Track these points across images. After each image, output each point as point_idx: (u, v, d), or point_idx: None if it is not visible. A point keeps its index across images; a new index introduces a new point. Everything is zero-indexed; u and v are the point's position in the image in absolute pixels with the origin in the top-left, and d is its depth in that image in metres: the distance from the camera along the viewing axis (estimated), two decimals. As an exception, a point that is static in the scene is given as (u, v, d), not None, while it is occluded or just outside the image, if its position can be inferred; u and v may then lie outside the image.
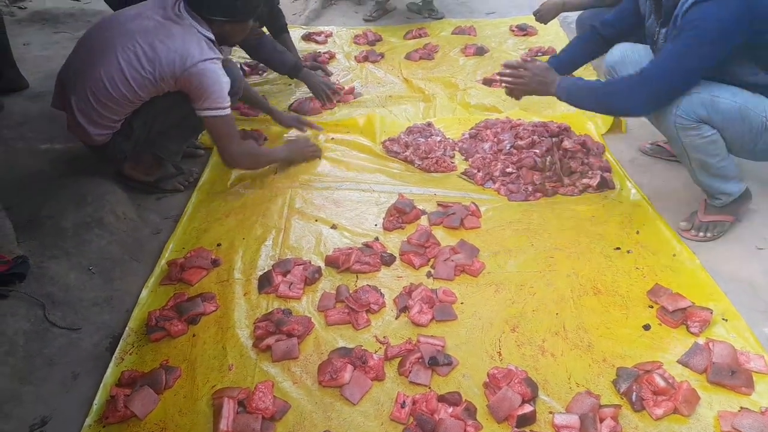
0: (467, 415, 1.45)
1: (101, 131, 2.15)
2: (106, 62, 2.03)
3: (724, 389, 1.53)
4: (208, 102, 2.06)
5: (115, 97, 2.05)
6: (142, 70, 2.02)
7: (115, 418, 1.45)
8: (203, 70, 2.01)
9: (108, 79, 2.02)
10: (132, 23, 2.07)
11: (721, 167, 1.98)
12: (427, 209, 2.31)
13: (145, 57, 2.01)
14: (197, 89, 2.04)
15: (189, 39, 2.02)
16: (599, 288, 1.90)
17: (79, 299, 1.79)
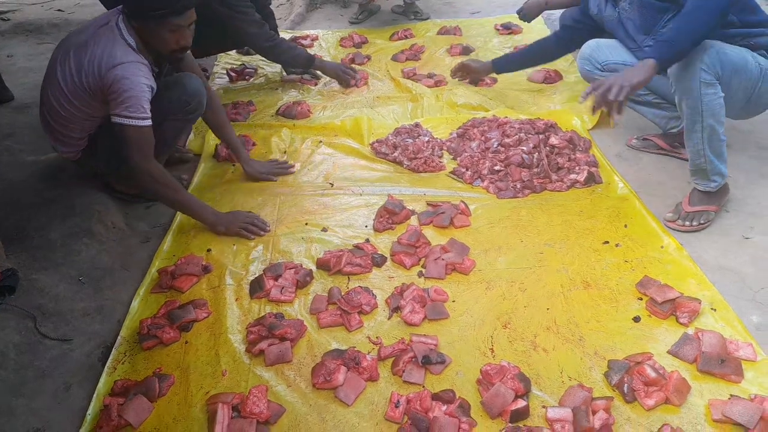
0: (461, 413, 1.46)
1: (67, 149, 2.16)
2: (51, 82, 2.03)
3: (714, 378, 1.54)
4: (120, 108, 1.91)
5: (64, 116, 2.04)
6: (73, 83, 1.97)
7: (109, 428, 1.44)
8: (119, 74, 1.90)
9: (54, 99, 2.02)
10: (74, 38, 2.04)
11: (722, 142, 2.03)
12: (416, 209, 2.32)
13: (75, 68, 1.96)
14: (112, 93, 1.92)
15: (109, 44, 1.94)
16: (589, 282, 1.91)
17: (69, 310, 1.78)
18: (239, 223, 2.16)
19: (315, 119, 3.07)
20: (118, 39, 1.96)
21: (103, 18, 2.05)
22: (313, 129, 2.95)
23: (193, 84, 2.20)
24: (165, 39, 2.00)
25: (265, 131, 2.96)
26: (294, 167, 2.61)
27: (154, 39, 2.01)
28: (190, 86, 2.18)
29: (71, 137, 2.11)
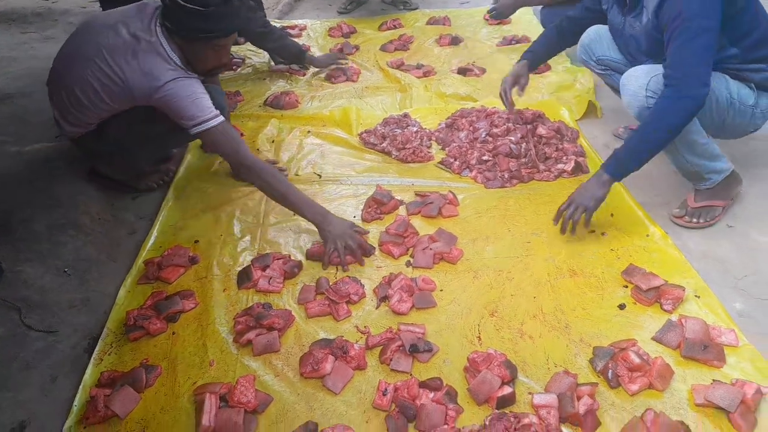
0: (448, 399, 1.47)
1: (73, 128, 2.12)
2: (77, 74, 1.98)
3: (697, 363, 1.57)
4: (191, 120, 1.92)
5: (86, 104, 2.00)
6: (111, 83, 1.94)
7: (96, 419, 1.44)
8: (171, 91, 1.90)
9: (79, 90, 1.98)
10: (103, 36, 1.97)
11: (706, 145, 1.99)
12: (405, 199, 2.32)
13: (112, 73, 1.93)
14: (174, 111, 1.93)
15: (154, 59, 1.91)
16: (575, 270, 1.93)
17: (55, 302, 1.77)
18: (348, 239, 1.98)
19: (303, 109, 3.06)
20: (162, 54, 1.92)
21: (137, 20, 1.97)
22: (302, 119, 2.94)
23: (219, 97, 2.20)
24: (207, 58, 2.01)
25: (253, 122, 2.94)
26: None
27: (196, 57, 2.00)
28: (218, 100, 2.13)
29: (83, 121, 2.08)
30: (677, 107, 1.80)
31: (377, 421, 1.45)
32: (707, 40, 1.76)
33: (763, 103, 2.00)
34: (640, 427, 1.37)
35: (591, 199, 1.94)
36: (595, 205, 1.96)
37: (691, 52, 1.77)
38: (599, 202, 1.96)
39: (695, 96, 1.78)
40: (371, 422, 1.45)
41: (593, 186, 1.96)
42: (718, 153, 2.04)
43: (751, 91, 1.99)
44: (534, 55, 2.53)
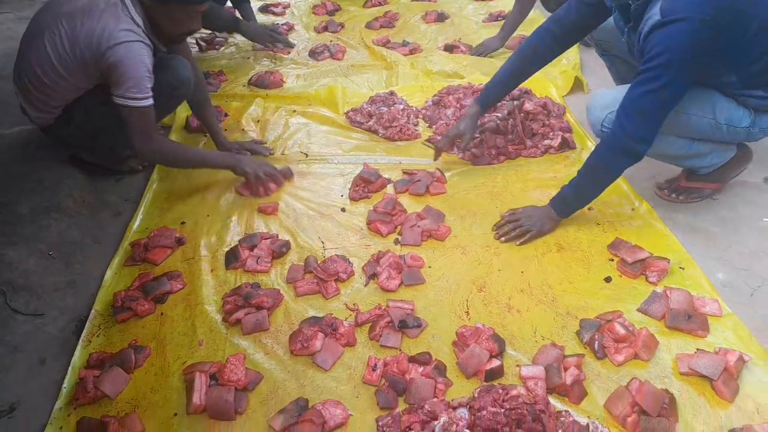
0: (437, 373, 1.49)
1: (39, 114, 2.08)
2: (35, 47, 1.93)
3: (682, 333, 1.59)
4: (122, 89, 1.84)
5: (47, 83, 1.95)
6: (65, 53, 1.88)
7: (86, 400, 1.44)
8: (120, 54, 1.81)
9: (38, 66, 1.93)
10: (65, 5, 1.92)
11: (684, 152, 1.95)
12: (392, 177, 2.32)
13: (67, 39, 1.86)
14: (113, 74, 1.84)
15: (112, 20, 1.83)
16: (562, 245, 1.94)
17: (40, 285, 1.75)
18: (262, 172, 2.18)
19: (288, 89, 3.02)
20: (123, 15, 1.85)
21: None
22: (287, 98, 2.91)
23: (183, 70, 2.13)
24: (179, 22, 1.95)
25: (238, 102, 2.91)
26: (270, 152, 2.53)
27: (167, 21, 1.93)
28: (181, 72, 2.10)
29: (48, 105, 2.03)
30: (613, 160, 1.80)
31: (367, 396, 1.46)
32: (671, 94, 1.65)
33: (762, 122, 1.85)
34: (625, 396, 1.39)
35: (535, 227, 1.96)
36: (537, 235, 1.96)
37: (648, 105, 1.66)
38: (543, 234, 1.98)
39: (636, 152, 1.75)
40: (361, 397, 1.46)
41: (543, 217, 1.97)
42: (708, 150, 1.95)
43: (747, 112, 1.83)
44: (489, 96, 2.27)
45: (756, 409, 1.39)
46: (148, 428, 1.39)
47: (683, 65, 1.60)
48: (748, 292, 1.73)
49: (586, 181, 1.89)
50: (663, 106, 1.67)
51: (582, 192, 1.92)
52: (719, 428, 1.35)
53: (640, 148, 1.74)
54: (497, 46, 3.26)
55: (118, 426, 1.35)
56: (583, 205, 1.97)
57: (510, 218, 2.02)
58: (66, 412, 1.43)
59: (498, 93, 2.28)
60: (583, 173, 1.88)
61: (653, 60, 1.60)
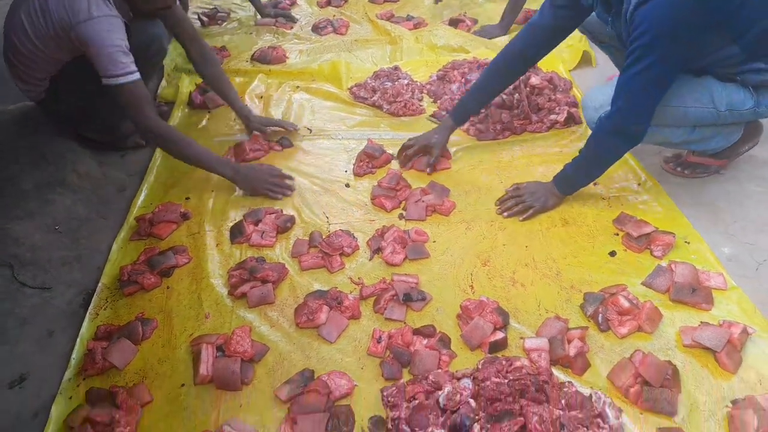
0: (442, 345, 1.50)
1: (28, 87, 2.07)
2: (13, 17, 1.92)
3: (686, 306, 1.60)
4: (102, 69, 1.80)
5: (26, 54, 1.94)
6: (39, 24, 1.86)
7: (94, 370, 1.45)
8: (88, 32, 1.78)
9: (16, 37, 1.92)
10: None
11: (686, 138, 1.91)
12: (396, 153, 2.30)
13: (40, 9, 1.84)
14: (87, 53, 1.81)
15: None
16: (567, 220, 1.94)
17: (47, 259, 1.76)
18: (264, 183, 2.07)
19: (291, 64, 3.00)
20: None
21: None
22: (290, 74, 2.88)
23: (152, 28, 2.09)
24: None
25: (240, 77, 2.89)
26: None
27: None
28: (149, 30, 2.07)
29: (32, 77, 2.03)
30: (613, 143, 1.78)
31: (372, 368, 1.47)
32: (662, 71, 1.59)
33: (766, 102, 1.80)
34: (629, 368, 1.40)
35: (538, 203, 1.95)
36: (540, 211, 1.96)
37: (640, 86, 1.62)
38: (545, 211, 1.97)
39: (632, 135, 1.73)
40: (366, 368, 1.47)
41: (547, 194, 1.97)
42: (708, 136, 1.91)
43: (749, 94, 1.77)
44: (465, 110, 2.20)
45: (759, 380, 1.40)
46: (156, 398, 1.40)
47: (669, 40, 1.54)
48: (754, 266, 1.72)
49: (587, 161, 1.88)
50: (656, 84, 1.63)
51: (583, 172, 1.92)
52: (721, 399, 1.36)
53: (637, 131, 1.72)
54: (498, 33, 3.22)
55: (126, 396, 1.36)
56: (584, 184, 1.96)
57: (513, 194, 2.02)
58: (75, 382, 1.45)
59: (473, 107, 2.22)
60: (584, 154, 1.87)
61: (639, 39, 1.55)
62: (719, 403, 1.35)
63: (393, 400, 1.35)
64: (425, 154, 2.21)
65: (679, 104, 1.76)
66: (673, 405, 1.33)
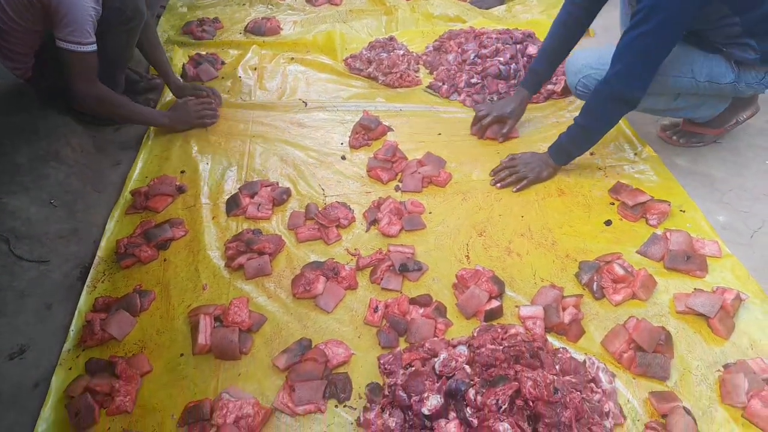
0: (438, 314, 1.51)
1: (14, 64, 2.05)
2: None
3: (680, 274, 1.61)
4: (63, 31, 1.80)
5: (4, 29, 1.91)
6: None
7: (93, 342, 1.47)
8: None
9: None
10: None
11: (673, 105, 1.91)
12: (392, 125, 2.29)
13: None
14: (55, 15, 1.80)
15: None
16: (563, 190, 1.94)
17: (43, 232, 1.76)
18: (194, 115, 2.26)
19: (285, 35, 2.96)
20: None
21: None
22: (284, 45, 2.85)
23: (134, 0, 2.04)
24: None
25: (234, 49, 2.85)
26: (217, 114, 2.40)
27: None
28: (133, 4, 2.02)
29: (17, 52, 2.00)
30: (609, 108, 1.76)
31: (369, 336, 1.49)
32: (664, 35, 1.57)
33: (747, 78, 1.79)
34: (622, 334, 1.42)
35: (532, 174, 1.95)
36: (534, 182, 1.96)
37: (642, 49, 1.61)
38: (539, 181, 1.97)
39: (628, 100, 1.70)
40: (363, 337, 1.49)
41: (541, 164, 1.96)
42: (694, 104, 1.91)
43: (730, 68, 1.77)
44: (536, 76, 2.15)
45: (750, 345, 1.41)
46: (155, 368, 1.42)
47: (675, 3, 1.52)
48: (748, 233, 1.73)
49: (582, 130, 1.86)
50: (657, 48, 1.61)
51: (577, 140, 1.90)
52: (713, 363, 1.38)
53: (634, 95, 1.69)
54: (494, 3, 3.17)
55: (126, 366, 1.38)
56: (579, 153, 1.94)
57: (507, 164, 2.01)
58: (74, 353, 1.46)
59: (545, 72, 2.15)
60: (578, 122, 1.85)
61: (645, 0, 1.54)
62: (711, 367, 1.37)
63: (390, 368, 1.36)
64: (499, 123, 2.20)
65: (660, 72, 1.73)
66: (666, 370, 1.35)
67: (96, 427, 1.29)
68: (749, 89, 1.82)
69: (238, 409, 1.27)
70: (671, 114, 1.99)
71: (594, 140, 1.90)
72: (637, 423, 1.27)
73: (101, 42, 1.91)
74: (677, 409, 1.25)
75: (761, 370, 1.33)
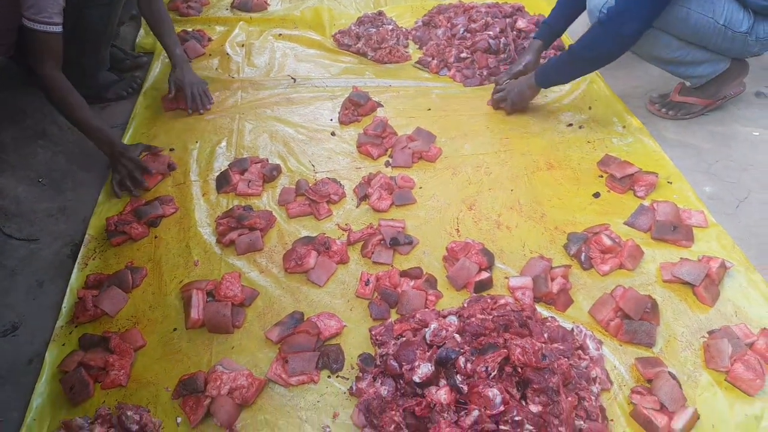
0: (428, 286, 1.53)
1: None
2: None
3: (667, 244, 1.63)
4: (28, 10, 1.70)
5: None
6: None
7: (86, 318, 1.47)
8: None
9: None
10: None
11: (677, 56, 1.91)
12: (382, 101, 2.28)
13: None
14: None
15: None
16: (552, 163, 1.95)
17: (32, 211, 1.75)
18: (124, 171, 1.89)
19: (273, 11, 2.92)
20: None
21: None
22: (272, 21, 2.81)
23: None
24: None
25: (221, 26, 2.81)
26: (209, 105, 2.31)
27: None
28: None
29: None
30: (605, 43, 1.80)
31: (361, 309, 1.50)
32: None
33: (760, 31, 1.82)
34: (609, 302, 1.44)
35: (511, 95, 2.12)
36: (512, 105, 2.13)
37: None
38: (524, 101, 2.13)
39: (624, 36, 1.73)
40: (355, 310, 1.50)
41: (523, 87, 2.09)
42: (703, 59, 1.92)
43: (747, 16, 1.80)
44: (549, 28, 2.17)
45: (734, 312, 1.45)
46: (149, 342, 1.43)
47: None
48: (734, 203, 1.76)
49: (573, 56, 1.91)
50: None
51: (564, 67, 1.95)
52: (698, 330, 1.41)
53: (629, 29, 1.73)
54: None
55: (119, 340, 1.39)
56: (562, 81, 2.03)
57: (499, 87, 2.18)
58: (67, 330, 1.47)
59: (560, 26, 2.18)
60: (573, 47, 1.90)
61: None
62: (696, 333, 1.40)
63: (381, 339, 1.38)
64: None
65: (683, 4, 1.76)
66: (652, 336, 1.37)
67: (91, 400, 1.31)
68: (757, 44, 1.85)
69: (232, 381, 1.28)
70: (673, 68, 1.99)
71: (579, 71, 1.96)
72: (623, 388, 1.30)
73: (82, 16, 1.87)
74: (662, 374, 1.28)
75: (745, 335, 1.36)
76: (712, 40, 1.85)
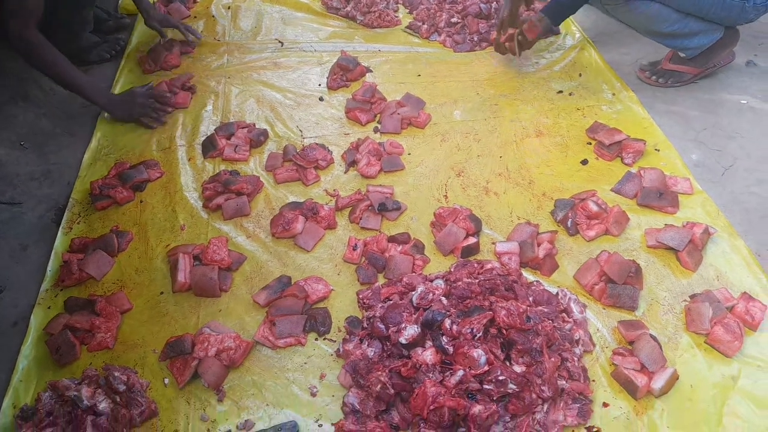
0: (416, 251, 1.53)
1: None
2: None
3: (652, 210, 1.64)
4: None
5: None
6: None
7: (71, 281, 1.46)
8: None
9: None
10: None
11: (675, 29, 1.90)
12: (371, 66, 2.25)
13: None
14: None
15: None
16: (541, 130, 1.94)
17: (14, 174, 1.72)
18: (138, 108, 1.94)
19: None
20: None
21: None
22: (259, -17, 2.73)
23: None
24: None
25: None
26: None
27: None
28: None
29: None
30: None
31: (348, 273, 1.51)
32: None
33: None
34: (594, 267, 1.46)
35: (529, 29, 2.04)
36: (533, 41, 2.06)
37: None
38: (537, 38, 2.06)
39: None
40: (342, 274, 1.51)
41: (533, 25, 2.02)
42: (697, 30, 1.92)
43: None
44: None
45: (716, 276, 1.47)
46: (135, 306, 1.43)
47: None
48: (720, 171, 1.77)
49: None
50: None
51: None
52: (681, 294, 1.43)
53: None
54: None
55: (105, 303, 1.38)
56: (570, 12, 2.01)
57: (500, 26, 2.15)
58: (53, 293, 1.46)
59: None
60: None
61: None
62: (678, 298, 1.43)
63: (369, 302, 1.39)
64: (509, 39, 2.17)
65: None
66: (635, 300, 1.40)
67: (77, 362, 1.31)
68: (753, 10, 1.85)
69: (219, 343, 1.29)
70: (670, 41, 1.98)
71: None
72: (605, 350, 1.32)
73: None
74: (644, 336, 1.30)
75: (725, 299, 1.38)
76: (711, 9, 1.83)
